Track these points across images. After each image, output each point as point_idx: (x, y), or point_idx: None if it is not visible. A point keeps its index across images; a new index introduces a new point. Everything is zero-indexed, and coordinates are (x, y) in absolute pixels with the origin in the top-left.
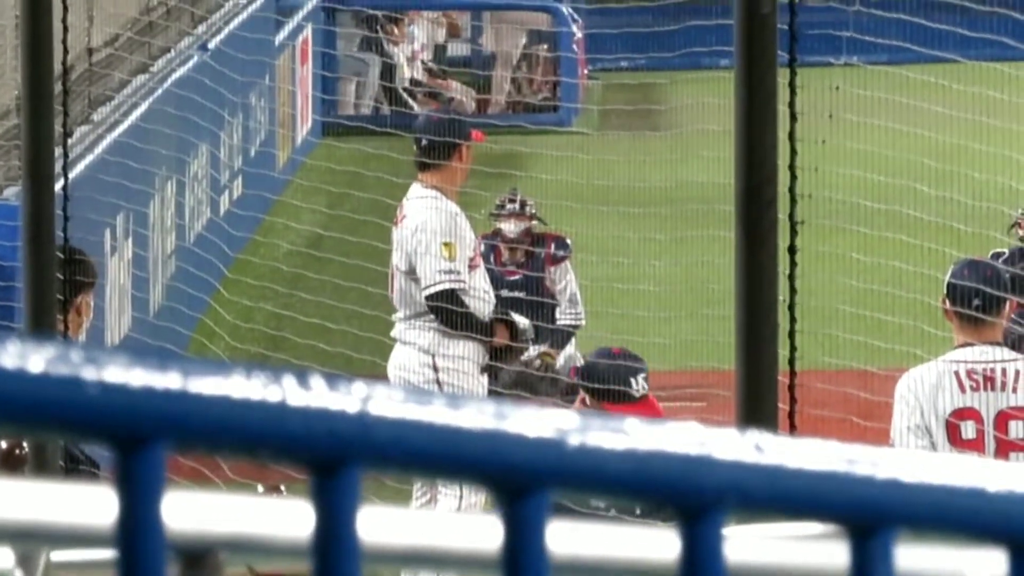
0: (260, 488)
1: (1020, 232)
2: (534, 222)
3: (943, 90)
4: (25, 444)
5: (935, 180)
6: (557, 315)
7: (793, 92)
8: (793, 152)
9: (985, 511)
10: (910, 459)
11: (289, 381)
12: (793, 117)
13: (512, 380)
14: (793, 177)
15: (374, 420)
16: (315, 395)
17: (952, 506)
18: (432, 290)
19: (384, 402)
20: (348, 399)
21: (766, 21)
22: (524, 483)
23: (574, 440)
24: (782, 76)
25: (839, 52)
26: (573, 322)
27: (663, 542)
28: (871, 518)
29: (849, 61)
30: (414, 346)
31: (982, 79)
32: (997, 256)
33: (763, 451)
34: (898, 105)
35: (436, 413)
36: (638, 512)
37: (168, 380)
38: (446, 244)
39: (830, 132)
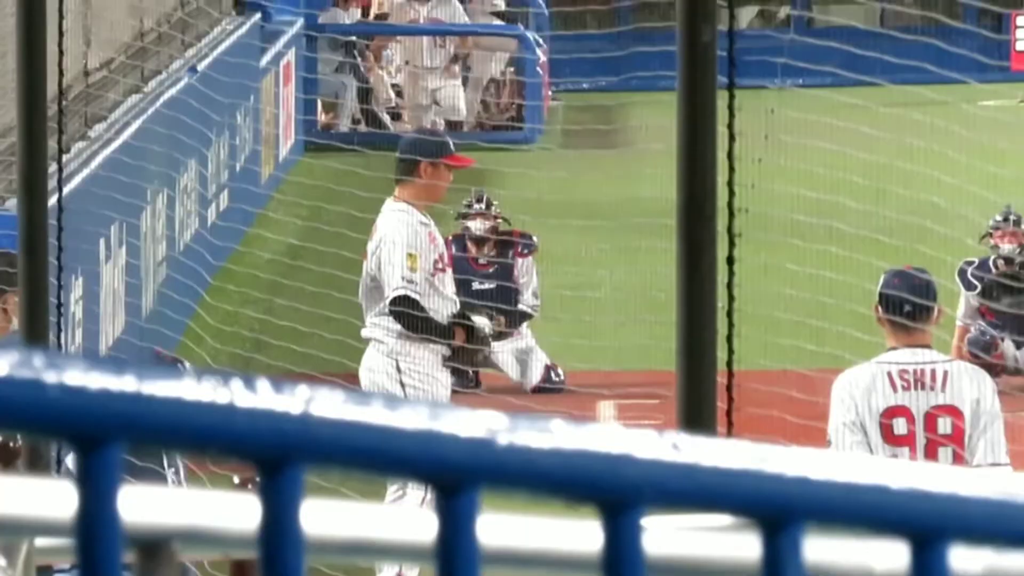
0: (236, 479)
1: (991, 242)
2: (499, 220)
3: (871, 112)
4: (19, 438)
5: (864, 196)
6: (520, 304)
7: (732, 114)
8: (731, 170)
9: (888, 506)
10: (817, 457)
11: (237, 384)
12: (732, 137)
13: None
14: (731, 193)
15: (317, 421)
16: (261, 397)
17: (857, 501)
18: (393, 295)
19: (326, 403)
20: (292, 401)
21: (707, 48)
22: (457, 480)
23: (503, 439)
24: (721, 99)
25: (775, 76)
26: (531, 311)
27: (587, 535)
28: (781, 513)
29: (784, 85)
30: (380, 350)
31: (906, 101)
32: (968, 264)
33: (680, 449)
34: (829, 126)
35: (375, 414)
36: None
37: (124, 383)
38: (410, 255)
39: (766, 151)
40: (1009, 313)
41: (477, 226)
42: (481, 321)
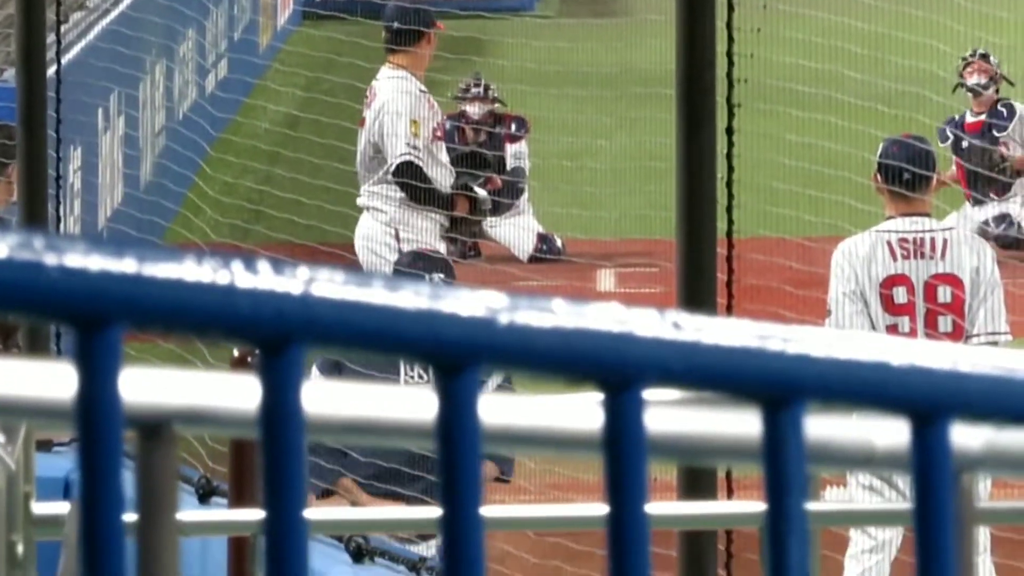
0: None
1: (962, 79)
2: (496, 105)
3: None
4: None
5: (863, 65)
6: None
7: None
8: (730, 40)
9: (889, 384)
10: (818, 335)
11: (237, 265)
12: (730, 7)
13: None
14: (730, 63)
15: (317, 301)
16: (262, 278)
17: (858, 379)
18: (397, 162)
19: (327, 284)
20: (293, 282)
21: None
22: (457, 359)
23: (504, 319)
24: None
25: None
26: (521, 182)
27: (588, 413)
28: (782, 391)
29: None
30: (378, 218)
31: None
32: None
33: (681, 328)
34: None
35: (376, 294)
36: None
37: (125, 265)
38: (414, 122)
39: (765, 21)
40: (978, 171)
41: (474, 110)
42: (482, 192)
